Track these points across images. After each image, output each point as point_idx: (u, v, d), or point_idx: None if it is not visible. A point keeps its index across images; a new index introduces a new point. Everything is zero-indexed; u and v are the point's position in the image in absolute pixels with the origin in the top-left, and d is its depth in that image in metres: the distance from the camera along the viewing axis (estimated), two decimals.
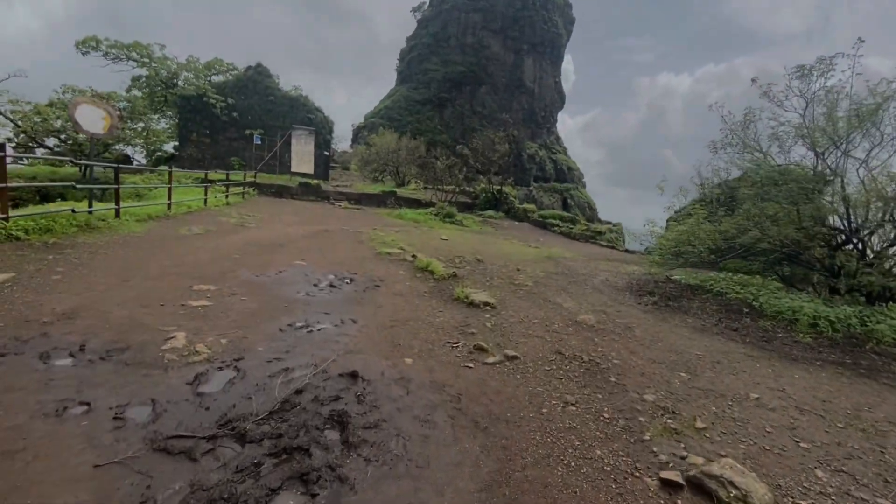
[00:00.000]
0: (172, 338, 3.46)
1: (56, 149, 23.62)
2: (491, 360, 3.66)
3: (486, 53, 57.80)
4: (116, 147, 26.42)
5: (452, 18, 59.46)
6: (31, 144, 23.99)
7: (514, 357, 3.74)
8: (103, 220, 8.20)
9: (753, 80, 6.29)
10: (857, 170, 5.76)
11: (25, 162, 25.00)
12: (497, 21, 57.88)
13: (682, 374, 3.74)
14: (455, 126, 54.03)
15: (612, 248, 15.69)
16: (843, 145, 5.74)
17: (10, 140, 23.76)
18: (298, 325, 4.07)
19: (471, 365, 3.54)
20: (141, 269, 5.41)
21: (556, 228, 19.85)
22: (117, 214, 8.66)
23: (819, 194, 5.88)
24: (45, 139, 23.62)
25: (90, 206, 8.18)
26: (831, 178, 5.83)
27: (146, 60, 28.43)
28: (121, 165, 9.13)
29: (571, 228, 19.28)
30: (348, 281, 6.09)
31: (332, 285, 5.72)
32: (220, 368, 3.09)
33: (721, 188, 7.11)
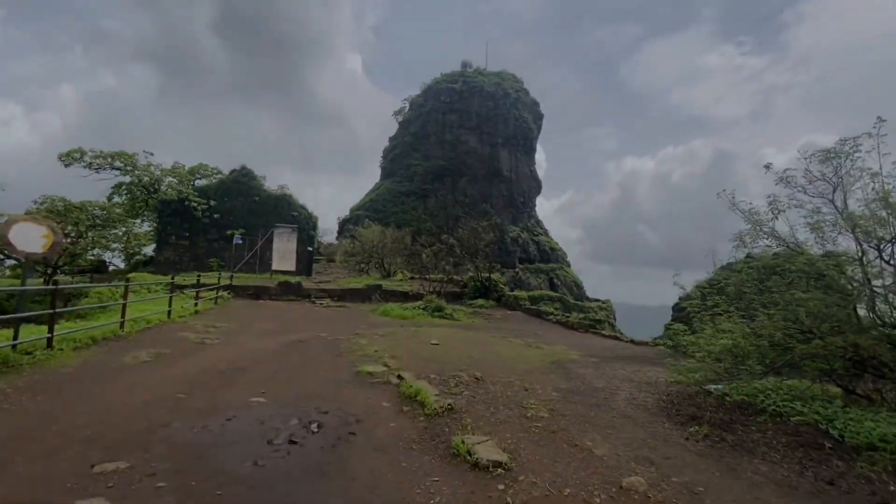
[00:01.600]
0: None
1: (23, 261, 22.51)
2: None
3: (464, 148, 61.28)
4: (94, 252, 25.42)
5: (431, 119, 63.88)
6: (1, 256, 22.85)
7: None
8: (29, 354, 6.87)
9: (767, 167, 5.82)
10: None
11: None
12: (472, 119, 62.28)
13: None
14: (439, 214, 55.15)
15: (617, 339, 14.56)
16: None
17: None
18: None
19: None
20: (35, 439, 4.06)
21: (551, 317, 18.78)
22: (49, 344, 7.34)
23: (871, 290, 5.08)
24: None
25: (15, 337, 6.90)
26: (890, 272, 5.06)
27: (129, 168, 28.68)
28: (59, 287, 8.02)
29: (568, 317, 18.24)
30: (315, 428, 4.77)
31: (291, 440, 4.39)
32: None
33: (751, 281, 6.28)
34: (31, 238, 7.15)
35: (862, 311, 5.48)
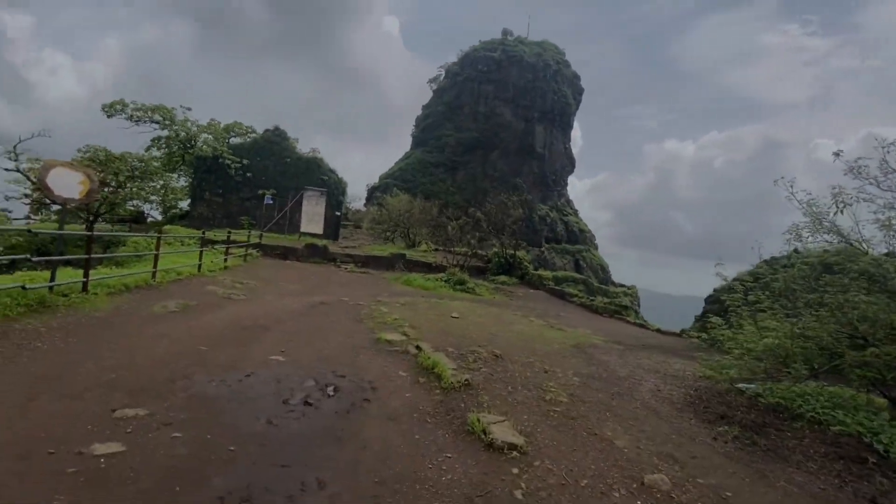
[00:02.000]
0: None
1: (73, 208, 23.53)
2: None
3: (498, 121, 59.59)
4: (133, 203, 26.40)
5: (466, 89, 62.17)
6: (45, 202, 23.98)
7: None
8: (65, 297, 7.13)
9: (836, 155, 5.23)
10: None
11: (36, 219, 24.94)
12: (509, 91, 60.24)
13: None
14: (467, 188, 54.48)
15: (643, 327, 14.14)
16: None
17: (26, 196, 23.86)
18: (233, 500, 2.71)
19: None
20: (63, 378, 4.18)
21: (575, 299, 18.41)
22: (84, 288, 7.61)
23: None
24: None
25: (52, 278, 7.16)
26: None
27: (168, 122, 29.23)
28: (94, 233, 8.23)
29: (593, 300, 17.82)
30: (331, 391, 4.76)
31: (307, 401, 4.38)
32: None
33: (801, 278, 5.79)
34: (68, 184, 7.29)
35: None
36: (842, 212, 5.12)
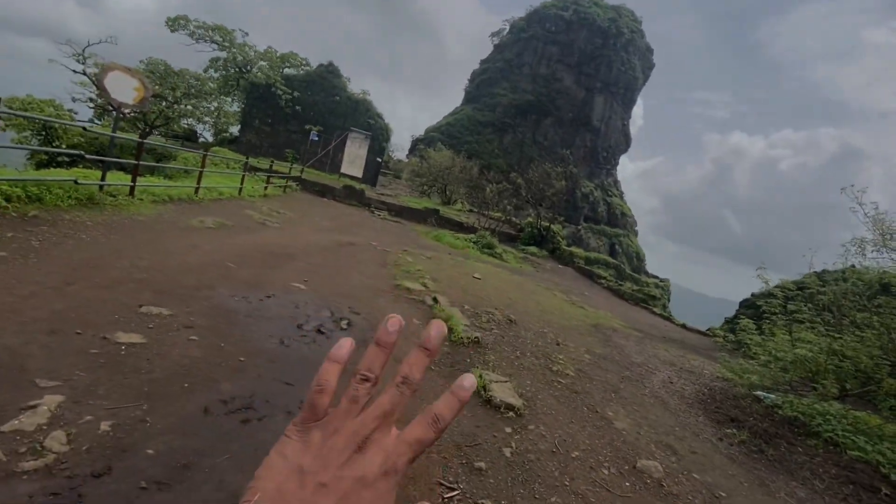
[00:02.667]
0: (35, 407, 2.32)
1: (129, 114, 24.50)
2: None
3: (557, 86, 56.73)
4: (188, 122, 27.26)
5: (529, 48, 59.08)
6: (108, 107, 25.03)
7: None
8: (112, 197, 7.51)
9: None
10: None
11: (99, 124, 26.16)
12: (574, 56, 56.85)
13: None
14: (513, 153, 53.02)
15: (668, 319, 13.73)
16: None
17: (91, 100, 24.93)
18: (234, 405, 2.85)
19: None
20: (100, 269, 4.44)
21: (602, 281, 18.00)
22: (131, 192, 7.98)
23: None
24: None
25: (103, 178, 7.52)
26: None
27: (227, 45, 29.42)
28: (144, 141, 8.50)
29: (621, 285, 17.38)
30: (345, 325, 4.88)
31: (319, 330, 4.51)
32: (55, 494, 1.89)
33: (854, 295, 5.35)
34: (124, 88, 7.48)
35: None
36: None
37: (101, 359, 2.93)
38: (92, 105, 25.69)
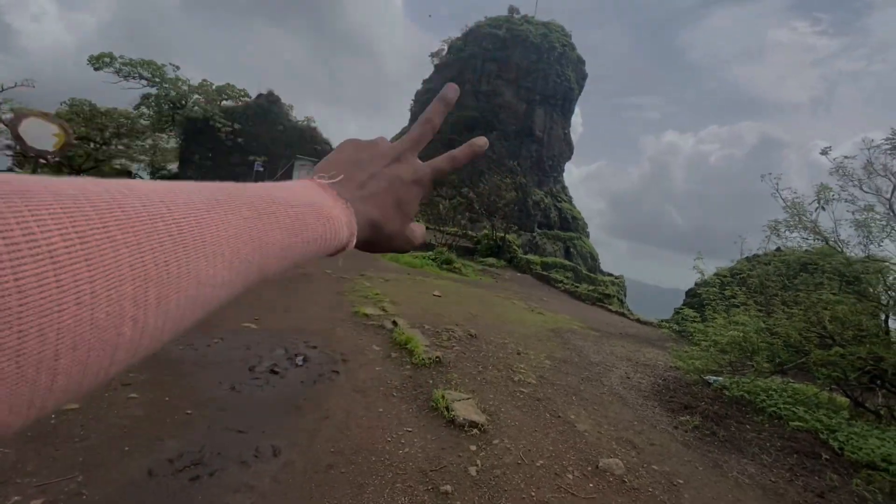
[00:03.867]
0: None
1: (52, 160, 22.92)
2: None
3: (499, 101, 58.65)
4: (120, 162, 25.82)
5: (469, 66, 60.90)
6: (29, 154, 23.29)
7: None
8: None
9: (824, 152, 5.19)
10: None
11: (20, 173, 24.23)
12: (512, 71, 59.16)
13: None
14: (463, 168, 53.46)
15: (623, 315, 14.30)
16: None
17: (9, 148, 23.12)
18: (182, 462, 2.69)
19: None
20: None
21: (559, 285, 18.54)
22: None
23: None
24: None
25: None
26: None
27: (157, 80, 28.36)
28: None
29: (577, 287, 17.96)
30: (300, 361, 4.74)
31: (273, 370, 4.36)
32: None
33: (777, 276, 5.83)
34: (42, 134, 7.04)
35: (893, 324, 5.07)
36: (823, 208, 5.13)
37: (27, 432, 2.68)
38: (9, 153, 23.87)
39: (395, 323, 6.71)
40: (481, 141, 0.57)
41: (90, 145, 20.67)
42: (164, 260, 0.25)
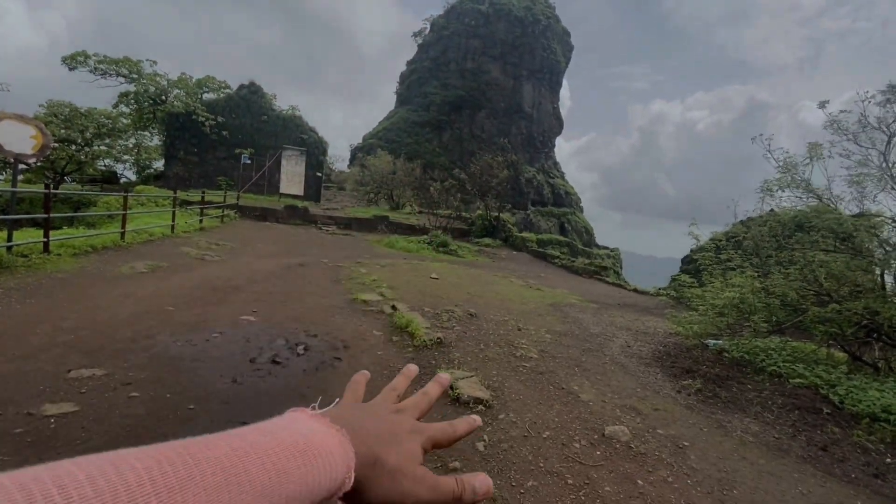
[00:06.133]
0: None
1: (34, 164, 22.41)
2: None
3: (486, 78, 57.72)
4: (105, 163, 25.31)
5: (453, 44, 59.70)
6: (9, 160, 22.75)
7: None
8: (24, 257, 6.84)
9: (822, 105, 5.11)
10: None
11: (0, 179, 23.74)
12: (497, 47, 58.07)
13: None
14: (453, 149, 53.46)
15: (621, 286, 14.38)
16: None
17: None
18: None
19: None
20: (17, 340, 4.02)
21: (556, 260, 18.58)
22: (46, 248, 7.30)
23: None
24: None
25: (9, 238, 6.84)
26: None
27: (135, 76, 27.60)
28: (53, 191, 7.80)
29: (573, 262, 18.00)
30: (301, 350, 4.71)
31: (275, 360, 4.34)
32: None
33: (772, 237, 5.83)
34: (19, 138, 6.84)
35: (888, 278, 5.10)
36: (813, 163, 5.09)
37: (27, 437, 2.65)
38: None
39: (394, 307, 6.69)
40: (478, 422, 0.56)
41: (72, 147, 20.20)
42: None
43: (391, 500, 0.40)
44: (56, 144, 17.50)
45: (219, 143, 27.76)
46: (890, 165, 4.79)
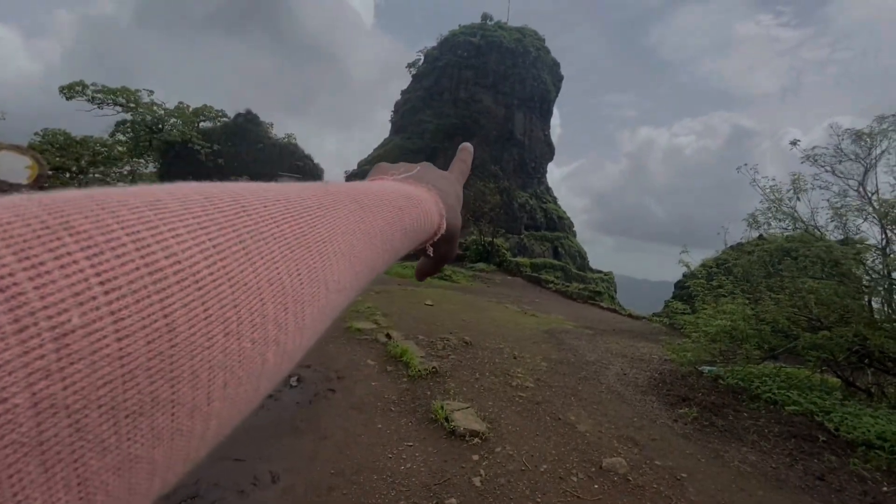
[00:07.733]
0: None
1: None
2: None
3: (478, 107, 59.19)
4: None
5: (446, 74, 61.44)
6: (2, 189, 22.72)
7: None
8: None
9: (793, 144, 5.33)
10: None
11: None
12: (489, 77, 59.83)
13: None
14: None
15: (615, 311, 14.41)
16: None
17: None
18: (177, 498, 2.62)
19: None
20: None
21: (550, 285, 18.63)
22: None
23: (891, 282, 4.74)
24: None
25: None
26: None
27: (132, 106, 27.99)
28: None
29: (568, 287, 18.07)
30: (294, 382, 4.65)
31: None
32: None
33: (761, 265, 5.94)
34: (14, 168, 6.88)
35: (876, 305, 5.18)
36: (798, 198, 5.25)
37: None
38: None
39: (388, 336, 6.66)
40: (468, 147, 0.63)
41: (66, 175, 20.27)
42: (297, 269, 0.22)
43: (454, 248, 0.49)
44: (51, 172, 17.56)
45: (214, 171, 28.00)
46: (869, 195, 4.97)
